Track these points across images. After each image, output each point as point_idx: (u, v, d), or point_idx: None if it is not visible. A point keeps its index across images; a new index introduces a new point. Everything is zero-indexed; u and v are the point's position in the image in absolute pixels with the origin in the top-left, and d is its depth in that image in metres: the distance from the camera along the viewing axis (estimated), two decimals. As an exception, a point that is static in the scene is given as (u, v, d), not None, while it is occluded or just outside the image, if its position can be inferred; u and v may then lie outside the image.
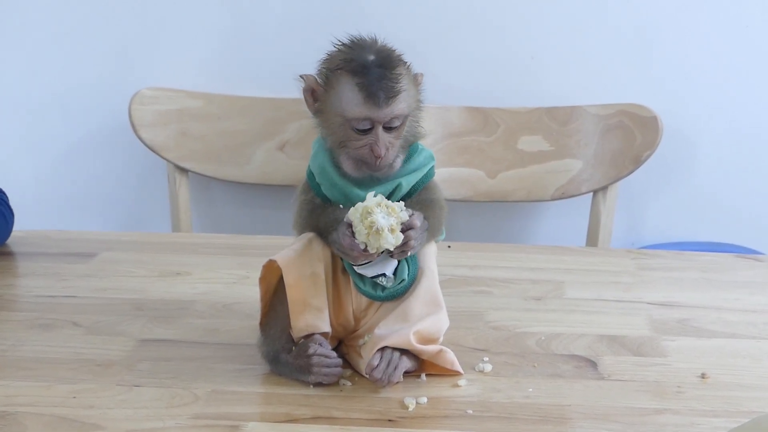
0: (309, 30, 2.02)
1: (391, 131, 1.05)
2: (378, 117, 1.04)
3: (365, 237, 1.02)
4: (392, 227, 1.02)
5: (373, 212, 1.01)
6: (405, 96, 1.05)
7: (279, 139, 2.06)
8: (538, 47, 2.04)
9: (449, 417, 1.02)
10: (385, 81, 1.03)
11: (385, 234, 1.01)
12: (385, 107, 1.03)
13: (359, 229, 1.02)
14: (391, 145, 1.05)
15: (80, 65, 2.10)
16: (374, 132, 1.04)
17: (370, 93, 1.03)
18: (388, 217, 1.02)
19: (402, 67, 1.05)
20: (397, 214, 1.02)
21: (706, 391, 1.08)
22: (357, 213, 1.02)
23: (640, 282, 1.42)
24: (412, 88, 1.07)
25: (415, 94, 1.07)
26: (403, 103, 1.05)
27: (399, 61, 1.05)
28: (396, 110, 1.04)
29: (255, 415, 1.01)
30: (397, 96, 1.03)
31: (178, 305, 1.31)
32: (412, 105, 1.06)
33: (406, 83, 1.05)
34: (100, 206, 2.20)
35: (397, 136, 1.06)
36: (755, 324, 1.27)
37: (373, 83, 1.02)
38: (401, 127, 1.06)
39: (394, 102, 1.03)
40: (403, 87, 1.04)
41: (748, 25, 2.00)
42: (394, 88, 1.03)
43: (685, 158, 2.07)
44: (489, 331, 1.24)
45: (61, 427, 0.98)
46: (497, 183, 2.03)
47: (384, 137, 1.04)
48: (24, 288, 1.39)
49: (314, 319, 1.08)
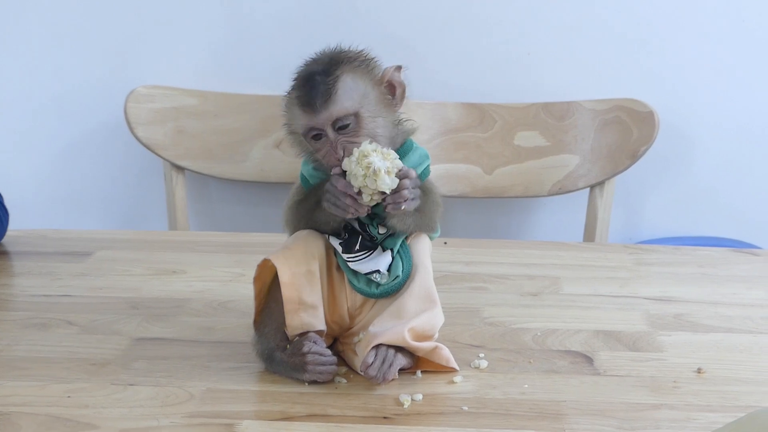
0: (305, 28, 2.02)
1: (345, 131, 1.05)
2: (318, 123, 1.05)
3: (361, 181, 1.02)
4: (388, 169, 1.02)
5: (370, 155, 1.02)
6: (347, 95, 1.05)
7: (275, 137, 2.06)
8: (535, 43, 2.04)
9: (445, 414, 1.01)
10: (319, 86, 1.05)
11: (382, 175, 1.02)
12: (322, 111, 1.05)
13: (355, 172, 1.02)
14: (352, 145, 1.05)
15: (76, 64, 2.10)
16: (326, 137, 1.06)
17: (304, 102, 1.05)
18: (383, 161, 1.02)
19: (344, 67, 1.06)
20: (392, 159, 1.03)
21: (703, 386, 1.07)
22: (353, 157, 1.03)
23: (636, 277, 1.42)
24: (362, 85, 1.07)
25: (369, 89, 1.07)
26: (346, 102, 1.05)
27: (339, 64, 1.06)
28: (336, 111, 1.05)
29: (250, 414, 1.01)
30: (331, 98, 1.04)
31: (174, 304, 1.31)
32: (362, 101, 1.06)
33: (348, 82, 1.06)
34: (96, 205, 2.19)
35: (355, 135, 1.06)
36: (752, 318, 1.27)
37: (307, 92, 1.05)
38: (358, 125, 1.06)
39: (331, 104, 1.04)
40: (339, 88, 1.05)
41: (745, 19, 1.99)
42: (328, 91, 1.04)
43: (682, 153, 2.07)
44: (485, 327, 1.23)
45: (56, 426, 0.98)
46: (494, 179, 2.03)
47: (338, 139, 1.06)
48: (19, 287, 1.38)
49: (309, 317, 1.08)
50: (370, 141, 1.05)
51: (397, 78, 1.10)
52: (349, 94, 1.06)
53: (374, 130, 1.07)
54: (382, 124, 1.08)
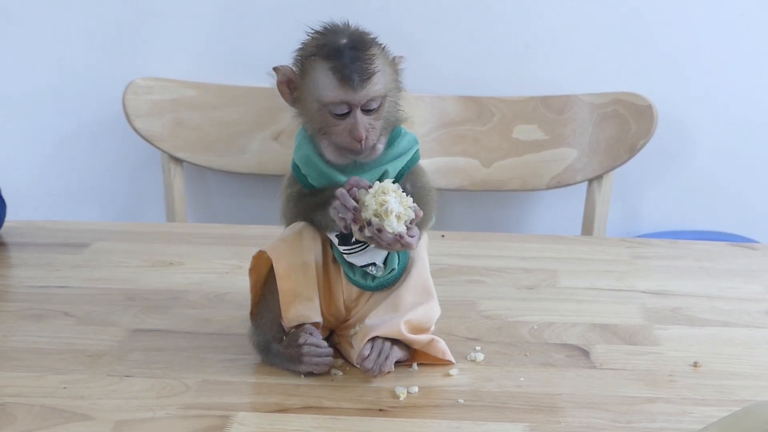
0: (303, 19, 2.00)
1: (369, 113, 1.04)
2: (354, 99, 1.03)
3: (371, 213, 1.01)
4: (399, 215, 1.01)
5: (388, 193, 1.01)
6: (380, 77, 1.04)
7: (274, 129, 2.06)
8: (533, 36, 2.04)
9: (440, 406, 1.01)
10: (358, 63, 1.02)
11: (392, 218, 1.00)
12: (360, 89, 1.02)
13: (368, 204, 1.01)
14: (372, 128, 1.04)
15: (74, 55, 2.10)
16: (352, 115, 1.03)
17: (344, 76, 1.02)
18: (399, 205, 1.01)
19: (376, 48, 1.04)
20: (407, 206, 1.02)
21: (699, 380, 1.07)
22: (371, 190, 1.02)
23: (633, 271, 1.42)
24: (389, 69, 1.06)
25: (391, 74, 1.06)
26: (379, 84, 1.04)
27: (372, 43, 1.04)
28: (372, 92, 1.03)
29: (246, 405, 1.01)
30: (372, 77, 1.03)
31: (171, 295, 1.31)
32: (389, 86, 1.05)
33: (380, 64, 1.04)
34: (94, 197, 2.19)
35: (376, 118, 1.05)
36: (749, 312, 1.27)
37: (347, 66, 1.02)
38: (380, 108, 1.05)
39: (369, 83, 1.02)
40: (377, 68, 1.03)
41: (744, 13, 1.99)
42: (368, 69, 1.02)
43: (680, 147, 2.07)
44: (481, 320, 1.23)
45: (51, 417, 0.98)
46: (492, 172, 2.03)
47: (363, 120, 1.03)
48: (16, 278, 1.38)
49: (305, 309, 1.08)
50: (393, 180, 1.03)
51: (401, 64, 1.09)
52: (382, 76, 1.04)
53: (388, 115, 1.06)
54: (394, 110, 1.08)
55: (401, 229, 1.01)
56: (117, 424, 0.96)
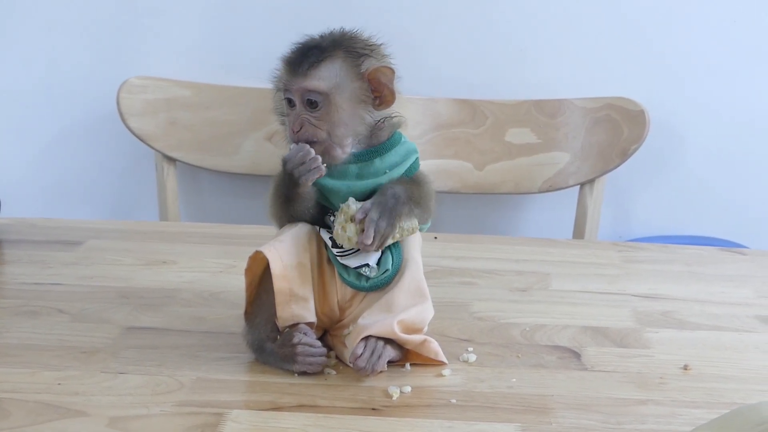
0: (298, 20, 2.02)
1: (312, 110, 1.06)
2: (291, 85, 1.06)
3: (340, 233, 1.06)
4: (343, 225, 1.06)
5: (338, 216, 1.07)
6: (326, 74, 1.05)
7: (267, 129, 2.06)
8: (527, 40, 2.05)
9: (433, 406, 1.02)
10: (306, 53, 1.06)
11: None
12: (301, 76, 1.05)
13: (339, 220, 1.06)
14: (313, 126, 1.06)
15: (68, 53, 2.10)
16: (295, 107, 1.07)
17: (290, 62, 1.06)
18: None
19: (340, 52, 1.06)
20: (349, 217, 1.06)
21: (689, 383, 1.08)
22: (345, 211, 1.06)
23: (625, 274, 1.43)
24: (345, 74, 1.06)
25: (347, 79, 1.06)
26: (325, 81, 1.05)
27: (338, 47, 1.06)
28: (310, 84, 1.05)
29: (239, 403, 1.01)
30: (312, 68, 1.05)
31: (164, 293, 1.31)
32: (338, 88, 1.06)
33: (335, 65, 1.06)
34: (87, 195, 2.19)
35: (319, 118, 1.06)
36: (738, 317, 1.28)
37: (297, 56, 1.06)
38: (324, 108, 1.06)
39: (314, 72, 1.05)
40: (325, 64, 1.05)
41: (736, 20, 2.00)
42: (310, 60, 1.05)
43: (672, 152, 2.08)
44: (474, 321, 1.24)
45: (45, 413, 0.98)
46: (485, 175, 2.04)
47: (301, 112, 1.06)
48: (9, 275, 1.39)
49: (299, 309, 1.08)
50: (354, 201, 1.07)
51: (384, 79, 1.07)
52: (329, 75, 1.05)
53: (342, 121, 1.06)
54: (353, 120, 1.07)
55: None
56: (111, 420, 0.97)
